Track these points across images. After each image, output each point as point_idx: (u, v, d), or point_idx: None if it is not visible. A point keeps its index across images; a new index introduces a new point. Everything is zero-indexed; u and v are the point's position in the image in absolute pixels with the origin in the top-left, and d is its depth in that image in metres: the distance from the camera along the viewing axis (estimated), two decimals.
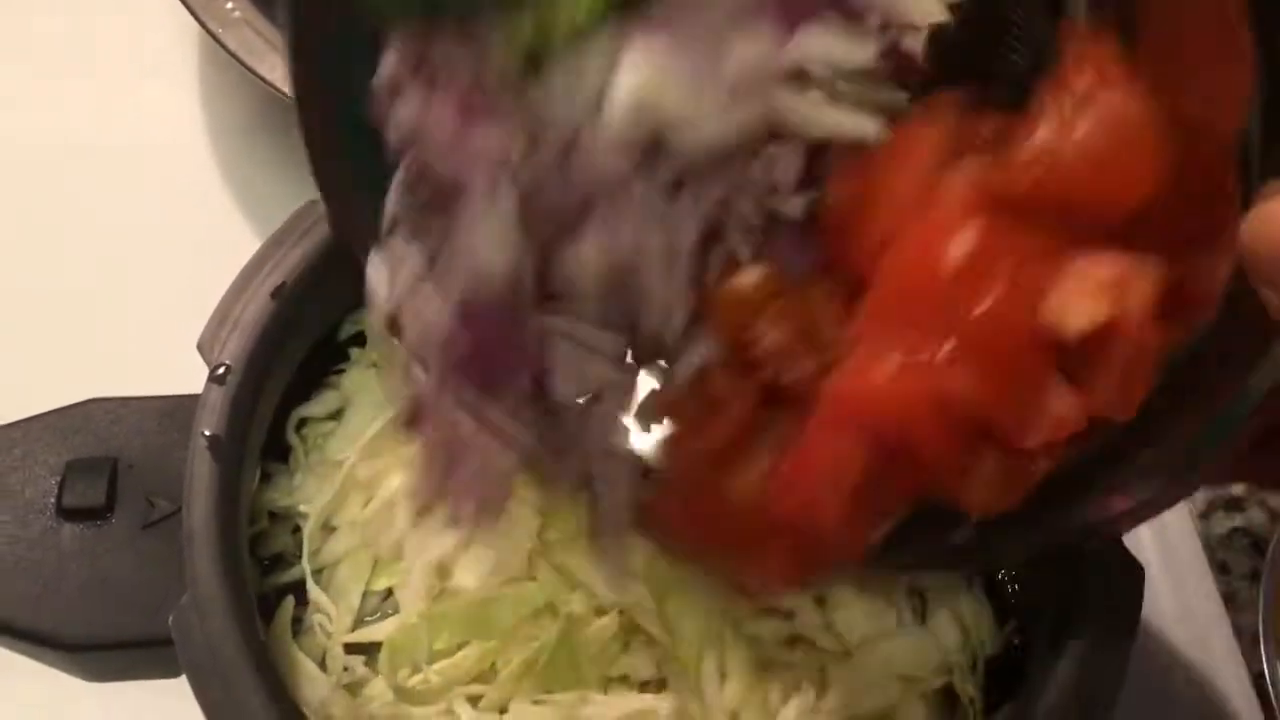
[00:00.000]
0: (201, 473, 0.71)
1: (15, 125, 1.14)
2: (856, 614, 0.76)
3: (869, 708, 0.75)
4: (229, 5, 1.03)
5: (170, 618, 0.67)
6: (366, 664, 0.73)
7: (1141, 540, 0.96)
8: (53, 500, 0.73)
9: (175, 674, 0.70)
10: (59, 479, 0.74)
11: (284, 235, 0.78)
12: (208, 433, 0.72)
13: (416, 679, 0.72)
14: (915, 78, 0.47)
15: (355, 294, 0.82)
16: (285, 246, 0.77)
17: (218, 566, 0.68)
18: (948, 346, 0.41)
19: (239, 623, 0.67)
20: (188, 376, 0.75)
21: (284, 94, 0.87)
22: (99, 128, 1.14)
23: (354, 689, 0.72)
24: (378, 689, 0.72)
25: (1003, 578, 0.84)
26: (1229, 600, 0.98)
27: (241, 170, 1.13)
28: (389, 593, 0.76)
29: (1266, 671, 0.88)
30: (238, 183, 1.12)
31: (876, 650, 0.75)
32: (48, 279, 1.05)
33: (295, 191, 0.80)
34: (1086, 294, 0.41)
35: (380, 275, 0.56)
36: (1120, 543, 0.72)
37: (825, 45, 0.45)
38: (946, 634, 0.79)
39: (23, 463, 0.75)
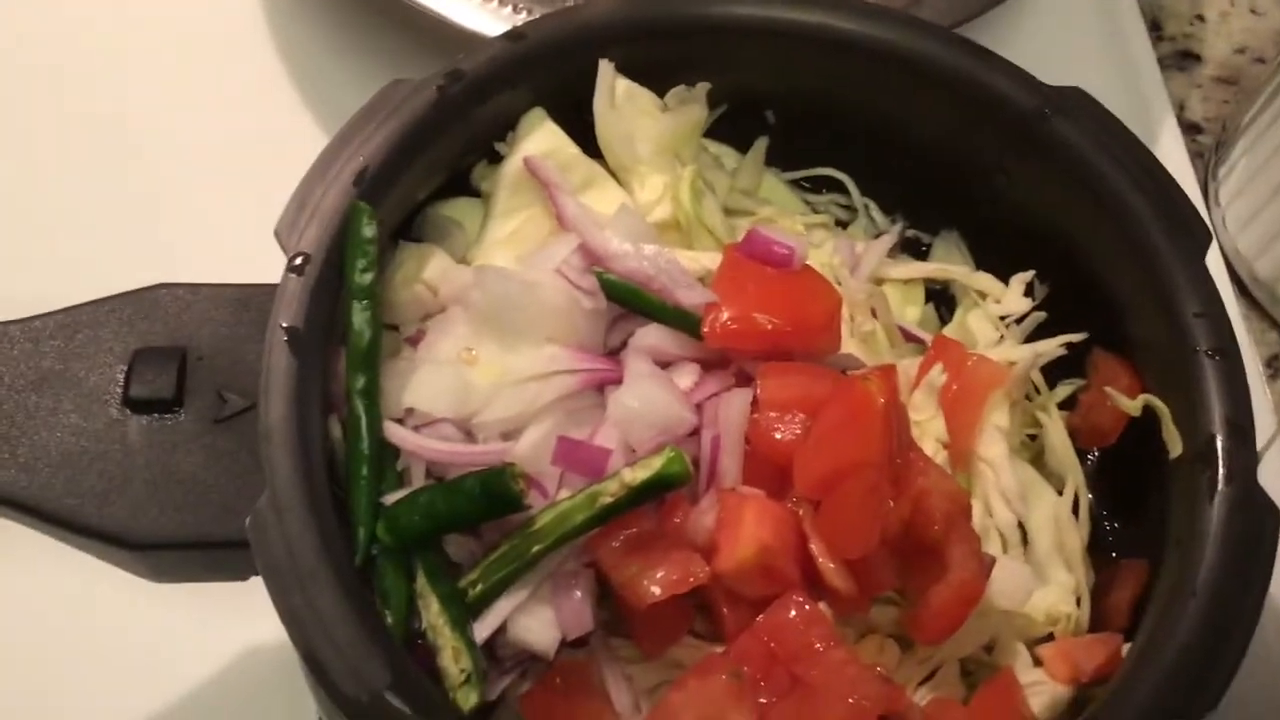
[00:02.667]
0: (279, 367, 0.67)
1: (79, 16, 1.09)
2: None
3: (970, 643, 0.71)
4: None
5: (247, 520, 0.63)
6: None
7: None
8: (119, 390, 0.69)
9: (247, 576, 0.67)
10: (126, 368, 0.70)
11: (367, 116, 0.73)
12: (286, 324, 0.68)
13: None
14: None
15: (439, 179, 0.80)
16: (368, 129, 0.72)
17: (297, 466, 0.64)
18: None
19: (319, 526, 0.63)
20: (264, 266, 0.70)
21: None
22: (162, 15, 1.09)
23: None
24: None
25: (1104, 514, 0.80)
26: None
27: (309, 57, 1.07)
28: None
29: None
30: (304, 69, 1.07)
31: None
32: (119, 161, 1.01)
33: (363, 78, 0.75)
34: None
35: None
36: (1255, 483, 0.67)
37: None
38: (1048, 565, 0.75)
39: (86, 349, 0.70)
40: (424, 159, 0.75)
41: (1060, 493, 0.78)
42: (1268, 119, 1.03)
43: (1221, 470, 0.68)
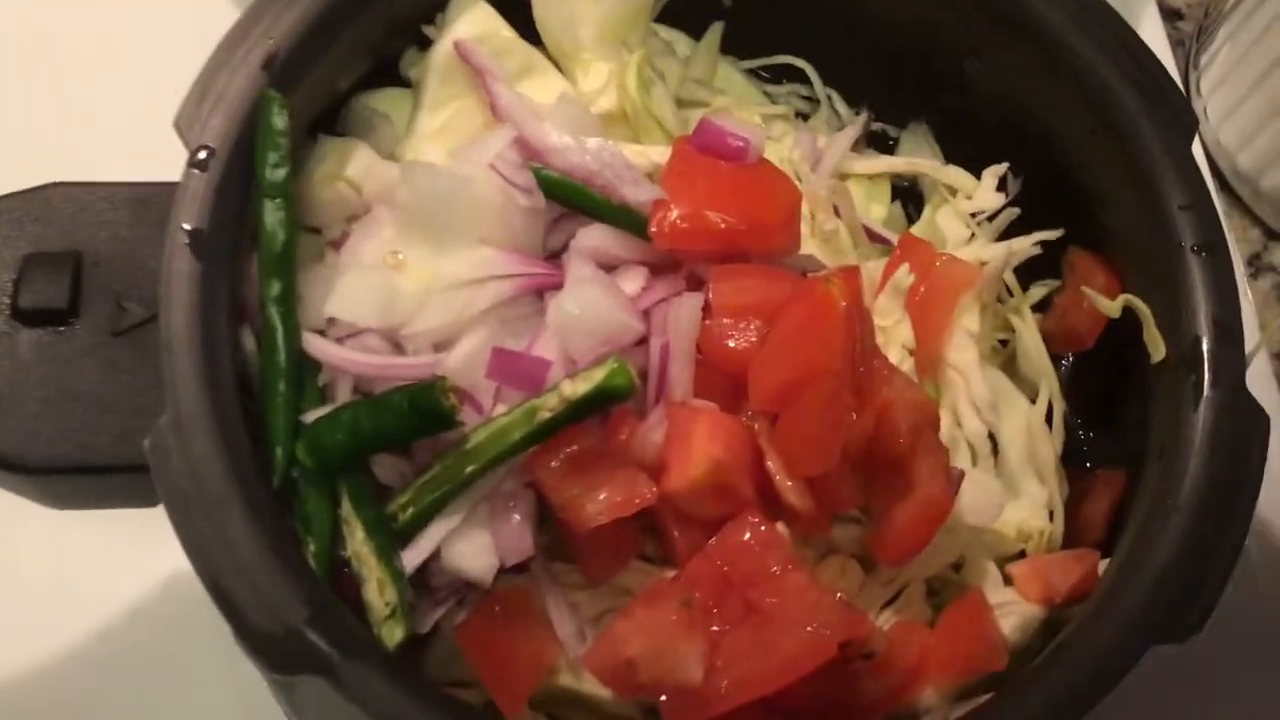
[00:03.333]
0: (180, 272, 0.60)
1: None
2: None
3: (937, 563, 0.67)
4: None
5: (146, 441, 0.57)
6: None
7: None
8: (7, 300, 0.62)
9: (155, 502, 0.61)
10: (14, 276, 0.63)
11: None
12: (188, 226, 0.61)
13: None
14: None
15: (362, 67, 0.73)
16: (278, 6, 0.65)
17: (202, 381, 0.58)
18: None
19: (228, 447, 0.57)
20: (163, 161, 0.64)
21: None
22: None
23: None
24: None
25: (1077, 423, 0.76)
26: None
27: None
28: None
29: None
30: None
31: None
32: (3, 47, 0.92)
33: None
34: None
35: None
36: (1244, 387, 0.63)
37: None
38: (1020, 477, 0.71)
39: None
40: (342, 42, 0.68)
41: (1033, 401, 0.73)
42: (1251, 3, 0.97)
43: (1207, 374, 0.63)
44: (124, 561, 0.76)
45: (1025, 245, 0.74)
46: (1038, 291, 0.77)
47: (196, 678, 0.77)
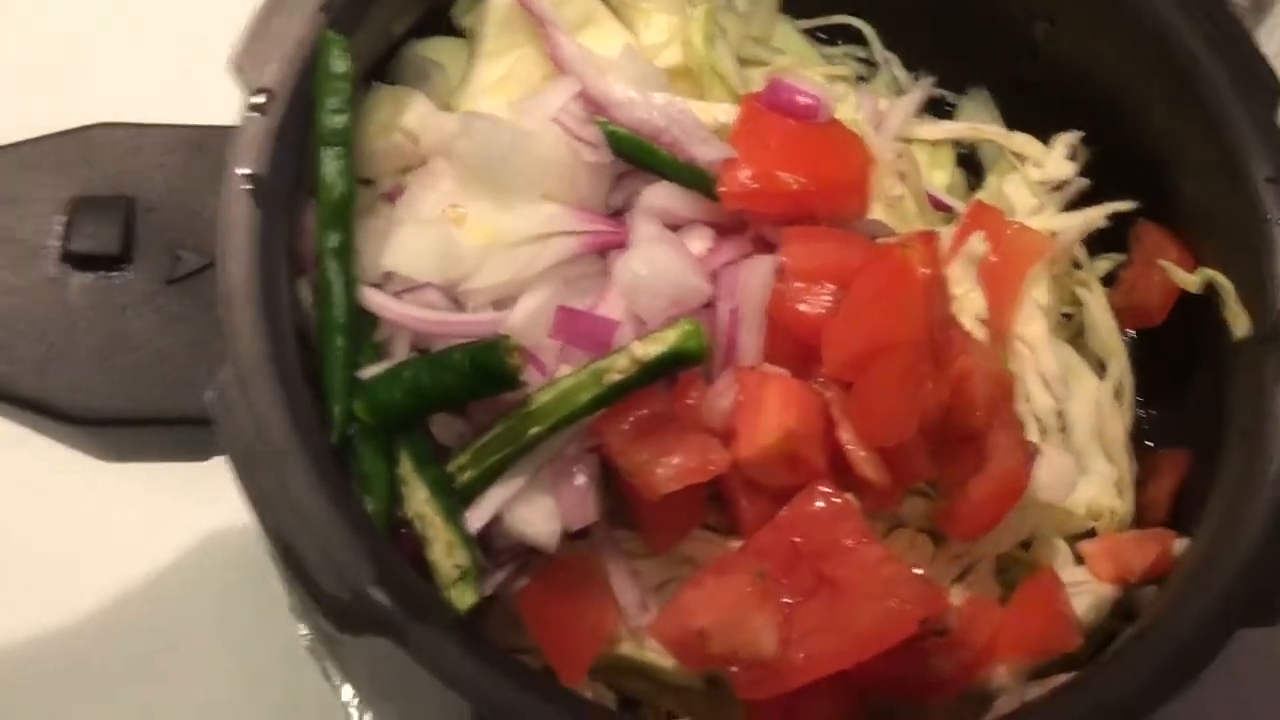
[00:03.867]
0: (239, 220, 0.58)
1: None
2: None
3: (1008, 539, 0.65)
4: None
5: (206, 394, 0.55)
6: None
7: None
8: (57, 244, 0.60)
9: (208, 456, 0.59)
10: (65, 219, 0.61)
11: None
12: (247, 171, 0.59)
13: None
14: None
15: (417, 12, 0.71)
16: None
17: (263, 333, 0.56)
18: None
19: (290, 401, 0.55)
20: (220, 103, 0.61)
21: None
22: None
23: None
24: None
25: (1139, 400, 0.74)
26: None
27: None
28: None
29: None
30: None
31: None
32: None
33: None
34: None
35: None
36: None
37: None
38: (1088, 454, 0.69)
39: (17, 196, 0.61)
40: None
41: (1101, 376, 0.71)
42: None
43: None
44: (165, 518, 0.74)
45: (1098, 216, 0.72)
46: (1104, 265, 0.75)
47: (236, 636, 0.75)
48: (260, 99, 0.61)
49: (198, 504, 0.69)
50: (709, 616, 0.57)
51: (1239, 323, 0.65)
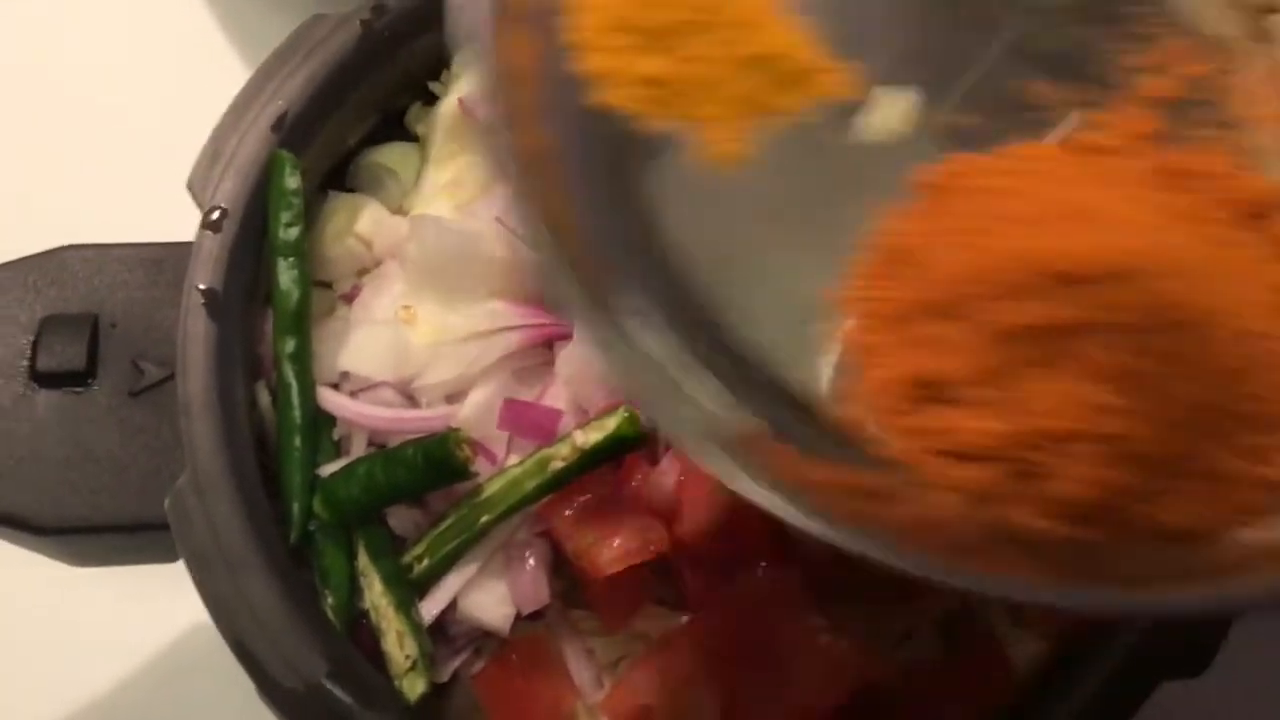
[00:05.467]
0: (197, 333, 0.62)
1: None
2: None
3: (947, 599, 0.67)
4: None
5: (166, 500, 0.58)
6: None
7: None
8: (25, 363, 0.64)
9: (172, 559, 0.62)
10: (32, 338, 0.64)
11: (284, 56, 0.67)
12: (203, 286, 0.62)
13: None
14: None
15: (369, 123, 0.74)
16: (286, 69, 0.67)
17: (220, 440, 0.59)
18: None
19: (247, 506, 0.58)
20: (177, 222, 0.65)
21: None
22: None
23: None
24: None
25: None
26: None
27: None
28: None
29: None
30: (222, 5, 1.00)
31: None
32: (14, 111, 0.93)
33: (281, 14, 0.69)
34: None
35: None
36: None
37: None
38: None
39: None
40: (350, 101, 0.70)
41: None
42: None
43: None
44: (140, 614, 0.76)
45: None
46: None
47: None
48: (215, 215, 0.64)
49: (172, 599, 0.72)
50: (653, 694, 0.59)
51: None
